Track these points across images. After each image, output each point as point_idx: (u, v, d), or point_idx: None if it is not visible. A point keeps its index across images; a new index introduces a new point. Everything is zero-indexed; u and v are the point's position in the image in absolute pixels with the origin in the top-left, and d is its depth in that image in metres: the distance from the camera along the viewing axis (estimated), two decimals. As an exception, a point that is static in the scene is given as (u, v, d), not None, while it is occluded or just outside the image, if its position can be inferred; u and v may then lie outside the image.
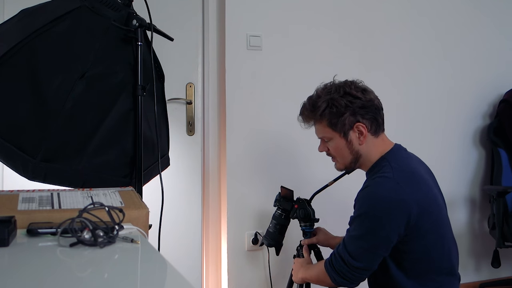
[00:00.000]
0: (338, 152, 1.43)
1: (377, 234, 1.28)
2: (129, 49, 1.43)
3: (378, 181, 1.31)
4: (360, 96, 1.37)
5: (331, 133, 1.40)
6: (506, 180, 2.65)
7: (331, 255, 1.39)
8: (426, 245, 1.32)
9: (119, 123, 1.38)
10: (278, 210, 1.80)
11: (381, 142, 1.42)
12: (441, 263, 1.35)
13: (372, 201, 1.29)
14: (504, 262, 2.61)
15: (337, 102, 1.36)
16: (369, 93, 1.40)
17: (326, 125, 1.40)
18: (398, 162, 1.35)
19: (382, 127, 1.42)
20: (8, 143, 1.22)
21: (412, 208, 1.26)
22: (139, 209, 0.94)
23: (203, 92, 2.33)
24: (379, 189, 1.29)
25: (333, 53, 2.43)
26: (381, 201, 1.27)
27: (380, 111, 1.40)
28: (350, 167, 1.45)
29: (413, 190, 1.28)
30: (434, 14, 2.68)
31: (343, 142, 1.40)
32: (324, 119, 1.40)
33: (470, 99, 2.78)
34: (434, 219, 1.32)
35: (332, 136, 1.41)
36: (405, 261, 1.33)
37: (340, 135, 1.39)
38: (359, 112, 1.36)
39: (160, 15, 1.90)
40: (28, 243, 0.77)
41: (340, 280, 1.35)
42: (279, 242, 1.83)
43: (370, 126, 1.38)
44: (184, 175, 2.29)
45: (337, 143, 1.41)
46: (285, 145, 2.34)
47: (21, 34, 1.26)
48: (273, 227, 1.81)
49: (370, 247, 1.30)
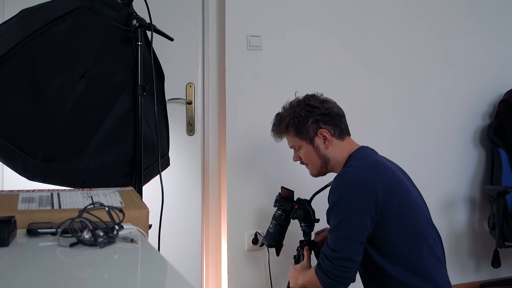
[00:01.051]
0: (308, 158, 1.57)
1: (350, 220, 1.34)
2: (129, 49, 1.43)
3: (343, 171, 1.44)
4: (318, 106, 1.52)
5: (299, 142, 1.56)
6: (506, 180, 2.65)
7: (319, 258, 1.43)
8: (399, 228, 1.37)
9: (119, 123, 1.38)
10: (278, 210, 1.80)
11: (347, 144, 1.55)
12: (420, 247, 1.38)
13: (340, 188, 1.38)
14: (504, 262, 2.61)
15: (299, 113, 1.53)
16: (328, 103, 1.55)
17: (293, 135, 1.56)
18: (362, 156, 1.48)
19: (346, 131, 1.56)
20: (8, 143, 1.22)
21: (378, 189, 1.34)
22: (139, 209, 0.94)
23: (203, 92, 2.33)
24: (345, 176, 1.40)
25: (333, 54, 2.43)
26: (348, 186, 1.37)
27: (341, 118, 1.55)
28: (322, 171, 1.58)
29: (377, 174, 1.39)
30: (434, 15, 2.68)
31: (311, 148, 1.54)
32: (291, 129, 1.56)
33: (470, 99, 2.78)
34: (403, 201, 1.39)
35: (301, 144, 1.56)
36: (385, 247, 1.37)
37: (307, 142, 1.54)
38: (320, 120, 1.52)
39: (160, 15, 1.91)
40: (28, 243, 0.77)
41: (327, 280, 1.37)
42: (279, 242, 1.82)
43: (333, 131, 1.52)
44: (184, 175, 2.29)
45: (306, 150, 1.55)
46: (285, 145, 2.33)
47: (21, 34, 1.26)
48: (273, 228, 1.81)
49: (346, 234, 1.34)
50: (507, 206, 2.48)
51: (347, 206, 1.35)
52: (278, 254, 1.86)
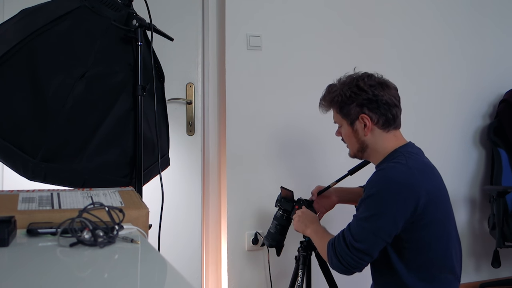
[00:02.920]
0: (347, 139, 1.50)
1: (384, 217, 1.29)
2: (129, 49, 1.43)
3: (391, 165, 1.35)
4: (366, 90, 1.40)
5: (341, 120, 1.49)
6: (506, 180, 2.65)
7: (336, 236, 1.39)
8: (429, 236, 1.33)
9: (119, 123, 1.38)
10: (279, 210, 1.80)
11: (393, 137, 1.44)
12: (443, 259, 1.35)
13: (383, 183, 1.32)
14: (504, 262, 2.61)
15: (345, 92, 1.44)
16: (382, 89, 1.42)
17: (336, 111, 1.49)
18: (412, 154, 1.39)
19: (393, 122, 1.44)
20: (8, 143, 1.22)
21: (422, 195, 1.28)
22: (139, 209, 0.94)
23: (203, 92, 2.33)
24: (391, 172, 1.33)
25: (333, 53, 2.42)
26: (392, 183, 1.30)
27: (391, 107, 1.42)
28: (358, 155, 1.51)
29: (424, 179, 1.32)
30: (434, 15, 2.68)
31: (350, 130, 1.47)
32: (334, 105, 1.49)
33: (470, 99, 2.78)
34: (441, 213, 1.35)
35: (341, 123, 1.49)
36: (407, 252, 1.33)
37: (348, 122, 1.46)
38: (365, 105, 1.41)
39: (160, 15, 1.90)
40: (28, 243, 0.77)
41: (336, 263, 1.34)
42: (280, 242, 1.82)
43: (377, 120, 1.41)
44: (184, 175, 2.29)
45: (346, 130, 1.48)
46: (285, 145, 2.34)
47: (21, 34, 1.26)
48: (274, 228, 1.81)
49: (374, 229, 1.29)
50: (507, 206, 2.47)
51: (384, 203, 1.30)
52: (278, 254, 1.85)
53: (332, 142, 2.30)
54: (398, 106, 1.45)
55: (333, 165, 2.28)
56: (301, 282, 1.71)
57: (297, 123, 2.35)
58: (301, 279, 1.72)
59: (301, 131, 2.36)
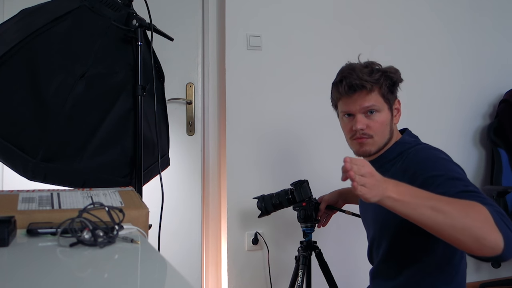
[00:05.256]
0: (381, 128, 1.29)
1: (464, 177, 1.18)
2: (129, 49, 1.43)
3: (418, 148, 1.26)
4: (399, 74, 1.36)
5: (382, 104, 1.30)
6: (506, 180, 2.65)
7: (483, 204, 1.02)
8: None
9: (119, 123, 1.38)
10: (290, 191, 1.77)
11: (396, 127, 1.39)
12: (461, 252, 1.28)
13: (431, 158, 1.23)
14: (504, 262, 2.61)
15: (390, 75, 1.32)
16: None
17: (381, 93, 1.30)
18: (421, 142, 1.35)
19: None
20: (8, 143, 1.22)
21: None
22: (139, 209, 0.94)
23: (203, 92, 2.33)
24: (428, 150, 1.26)
25: (333, 53, 2.42)
26: (438, 152, 1.26)
27: None
28: (379, 148, 1.31)
29: None
30: (434, 14, 2.68)
31: (389, 116, 1.32)
32: (377, 86, 1.29)
33: (470, 99, 2.78)
34: None
35: (382, 108, 1.30)
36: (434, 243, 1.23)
37: (389, 107, 1.32)
38: (396, 90, 1.35)
39: (160, 15, 1.90)
40: (28, 243, 0.77)
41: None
42: (268, 212, 1.82)
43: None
44: (184, 175, 2.29)
45: (384, 116, 1.30)
46: (285, 145, 2.34)
47: (21, 34, 1.26)
48: (273, 198, 1.79)
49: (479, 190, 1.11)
50: (507, 206, 2.47)
51: (453, 165, 1.20)
52: (259, 217, 1.85)
53: (332, 142, 2.31)
54: None
55: (333, 165, 2.28)
56: (301, 282, 1.71)
57: (298, 123, 2.35)
58: (301, 279, 1.72)
59: (301, 131, 2.36)
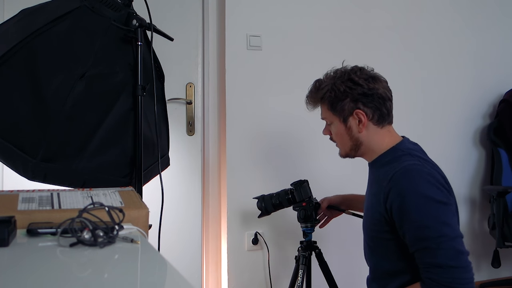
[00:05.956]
0: (338, 137, 1.43)
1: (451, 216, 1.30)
2: (129, 49, 1.43)
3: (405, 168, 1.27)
4: (361, 84, 1.34)
5: (332, 117, 1.40)
6: (506, 180, 2.65)
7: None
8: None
9: (119, 123, 1.38)
10: (290, 191, 1.77)
11: (387, 133, 1.38)
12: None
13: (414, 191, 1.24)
14: (504, 262, 2.61)
15: (337, 87, 1.36)
16: (376, 82, 1.36)
17: (327, 108, 1.41)
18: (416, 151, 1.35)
19: (387, 118, 1.38)
20: (8, 143, 1.22)
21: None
22: (139, 209, 0.94)
23: (203, 92, 2.33)
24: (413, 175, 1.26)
25: (333, 53, 2.42)
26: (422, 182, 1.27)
27: (385, 101, 1.36)
28: (351, 154, 1.43)
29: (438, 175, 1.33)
30: (434, 14, 2.68)
31: (343, 127, 1.39)
32: (325, 102, 1.40)
33: (470, 99, 2.78)
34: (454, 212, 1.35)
35: (333, 120, 1.41)
36: None
37: (340, 120, 1.38)
38: (360, 99, 1.34)
39: (160, 15, 1.90)
40: (28, 243, 0.77)
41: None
42: (268, 212, 1.82)
43: (371, 115, 1.35)
44: (184, 175, 2.29)
45: (338, 128, 1.40)
46: (285, 145, 2.34)
47: (21, 34, 1.26)
48: (273, 198, 1.79)
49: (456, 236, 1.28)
50: (507, 206, 2.47)
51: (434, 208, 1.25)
52: (259, 217, 1.85)
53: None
54: (391, 100, 1.39)
55: (333, 164, 2.28)
56: (301, 282, 1.71)
57: (297, 122, 2.34)
58: (301, 279, 1.72)
59: (301, 131, 2.36)
